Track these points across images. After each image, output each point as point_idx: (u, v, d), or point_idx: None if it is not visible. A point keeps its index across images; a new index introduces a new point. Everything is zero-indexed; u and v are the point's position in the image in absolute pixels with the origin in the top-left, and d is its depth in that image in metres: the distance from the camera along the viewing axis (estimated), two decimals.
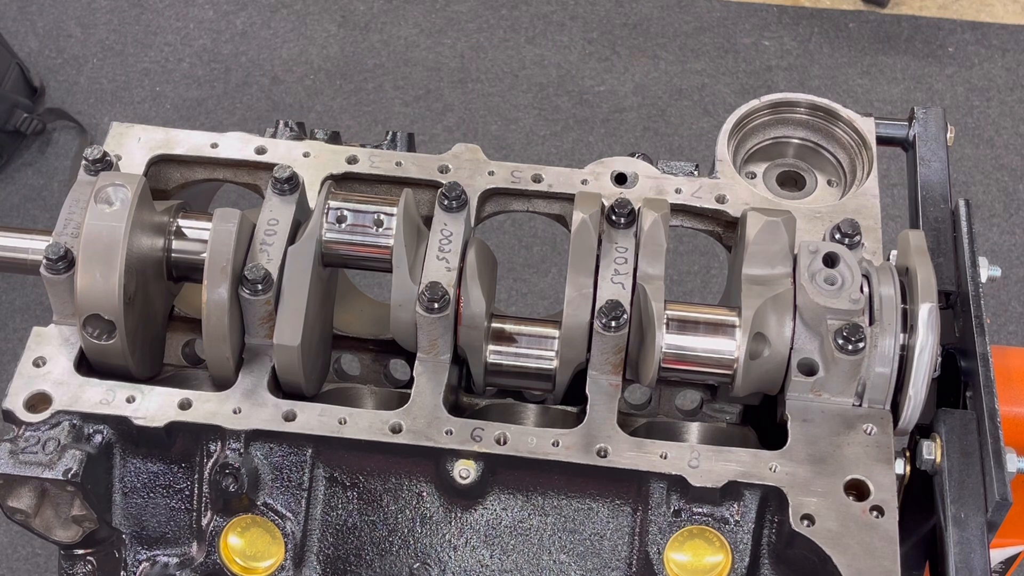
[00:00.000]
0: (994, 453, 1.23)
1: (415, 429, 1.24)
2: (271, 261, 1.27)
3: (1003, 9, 3.81)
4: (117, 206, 1.25)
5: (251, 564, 1.28)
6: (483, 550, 1.27)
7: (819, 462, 1.22)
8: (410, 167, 1.42)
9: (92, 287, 1.23)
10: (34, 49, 3.64)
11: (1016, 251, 3.26)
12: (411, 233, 1.31)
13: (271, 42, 3.69)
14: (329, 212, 1.31)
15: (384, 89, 3.59)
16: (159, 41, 3.69)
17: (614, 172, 1.42)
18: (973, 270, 1.37)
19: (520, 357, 1.34)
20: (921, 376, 1.24)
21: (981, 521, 1.21)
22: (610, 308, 1.25)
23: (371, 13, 3.77)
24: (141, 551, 1.31)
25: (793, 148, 1.49)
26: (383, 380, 1.50)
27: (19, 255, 1.34)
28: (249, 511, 1.27)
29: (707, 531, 1.23)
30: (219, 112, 3.52)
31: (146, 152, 1.42)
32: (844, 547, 1.17)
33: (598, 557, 1.26)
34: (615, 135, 3.49)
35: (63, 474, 1.21)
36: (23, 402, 1.25)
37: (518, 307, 3.12)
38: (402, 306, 1.28)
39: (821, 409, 1.26)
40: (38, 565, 2.79)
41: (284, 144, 1.44)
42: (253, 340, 1.29)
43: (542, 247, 3.23)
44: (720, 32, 3.72)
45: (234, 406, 1.26)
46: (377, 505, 1.28)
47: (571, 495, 1.26)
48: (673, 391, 1.46)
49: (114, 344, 1.26)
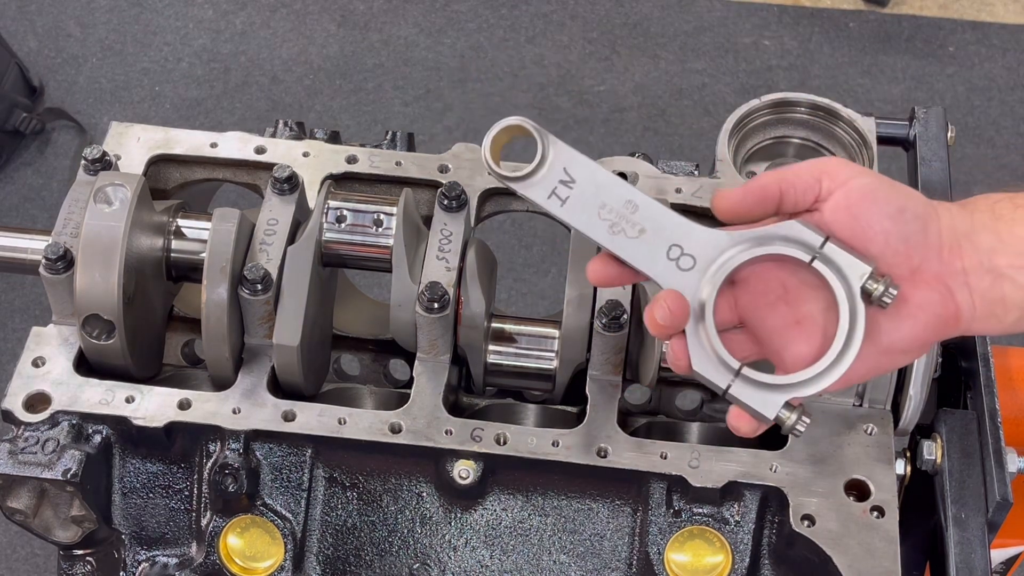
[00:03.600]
0: (995, 453, 1.23)
1: (415, 429, 1.24)
2: (271, 261, 1.27)
3: (1003, 9, 3.81)
4: (116, 206, 1.25)
5: (251, 564, 1.27)
6: (483, 550, 1.27)
7: (819, 462, 1.22)
8: (410, 167, 1.42)
9: (91, 287, 1.23)
10: (33, 49, 3.63)
11: None
12: (411, 233, 1.30)
13: (271, 42, 3.69)
14: (329, 212, 1.31)
15: (384, 89, 3.58)
16: (158, 41, 3.69)
17: (614, 172, 1.42)
18: None
19: (520, 357, 1.34)
20: (921, 376, 1.24)
21: (982, 521, 1.21)
22: (610, 308, 1.25)
23: (371, 13, 3.76)
24: (140, 551, 1.30)
25: (794, 148, 1.49)
26: (383, 380, 1.50)
27: (18, 255, 1.33)
28: (249, 511, 1.27)
29: (707, 531, 1.23)
30: (219, 112, 3.52)
31: (145, 152, 1.41)
32: (844, 547, 1.17)
33: (598, 557, 1.26)
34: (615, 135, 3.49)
35: (62, 474, 1.21)
36: (22, 402, 1.25)
37: (518, 307, 3.11)
38: (402, 306, 1.28)
39: (821, 409, 1.26)
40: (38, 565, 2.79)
41: (284, 144, 1.44)
42: (252, 340, 1.29)
43: (542, 247, 3.22)
44: (720, 32, 3.72)
45: (233, 406, 1.26)
46: (377, 505, 1.28)
47: (571, 495, 1.26)
48: (673, 391, 1.46)
49: (113, 344, 1.26)
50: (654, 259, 1.04)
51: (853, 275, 1.01)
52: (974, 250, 1.02)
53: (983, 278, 1.02)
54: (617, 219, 1.04)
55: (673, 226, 1.04)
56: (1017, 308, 1.03)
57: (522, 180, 1.04)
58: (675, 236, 1.04)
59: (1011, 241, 1.02)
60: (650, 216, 1.04)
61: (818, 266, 1.01)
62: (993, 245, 1.02)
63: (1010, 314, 1.03)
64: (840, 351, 1.01)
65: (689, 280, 1.04)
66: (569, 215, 1.04)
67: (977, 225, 1.02)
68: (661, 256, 1.04)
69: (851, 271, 1.01)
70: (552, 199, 1.04)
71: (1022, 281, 1.02)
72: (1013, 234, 1.02)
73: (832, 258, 1.01)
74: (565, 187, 1.04)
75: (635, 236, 1.04)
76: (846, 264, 1.01)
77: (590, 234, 1.04)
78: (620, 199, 1.04)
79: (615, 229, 1.04)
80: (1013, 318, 1.04)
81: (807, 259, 1.01)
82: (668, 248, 1.04)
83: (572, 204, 1.04)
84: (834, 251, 1.01)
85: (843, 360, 1.01)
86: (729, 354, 1.03)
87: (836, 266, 1.01)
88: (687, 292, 1.03)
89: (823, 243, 1.01)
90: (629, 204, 1.04)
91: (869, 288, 1.00)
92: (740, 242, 1.03)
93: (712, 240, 1.04)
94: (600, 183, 1.04)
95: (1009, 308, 1.03)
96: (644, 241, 1.04)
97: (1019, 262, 1.01)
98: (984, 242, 1.02)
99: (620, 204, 1.04)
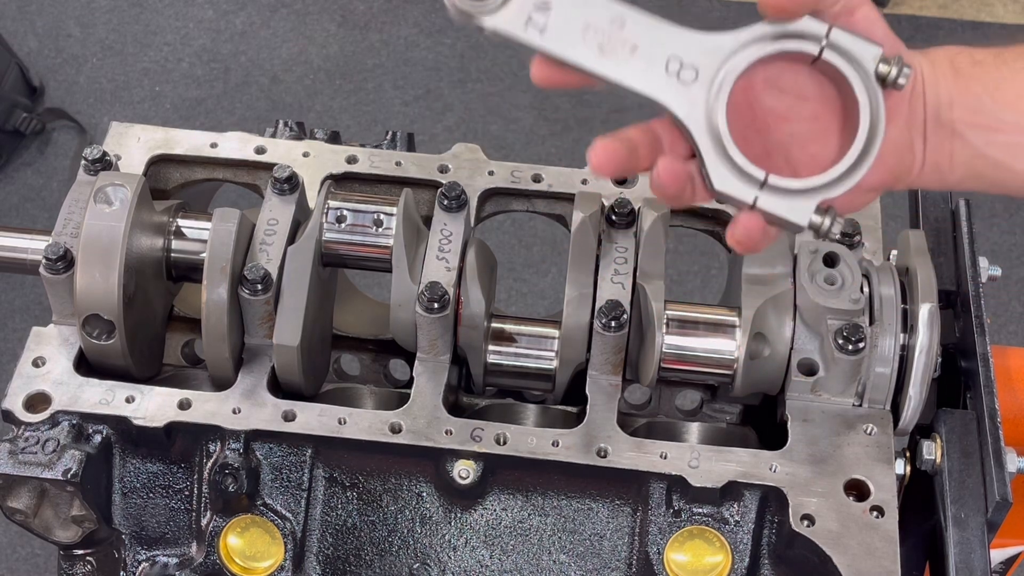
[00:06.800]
0: (994, 453, 1.23)
1: (415, 429, 1.24)
2: (271, 261, 1.27)
3: (1003, 9, 3.81)
4: (116, 206, 1.25)
5: (251, 564, 1.28)
6: (483, 550, 1.27)
7: (819, 462, 1.22)
8: (410, 167, 1.42)
9: (91, 287, 1.23)
10: (33, 49, 3.64)
11: (1016, 251, 3.26)
12: (411, 233, 1.31)
13: (271, 42, 3.69)
14: (329, 212, 1.31)
15: (384, 89, 3.58)
16: (158, 41, 3.69)
17: None
18: (973, 270, 1.37)
19: (520, 357, 1.34)
20: (921, 376, 1.24)
21: (981, 521, 1.21)
22: (610, 308, 1.25)
23: (371, 13, 3.77)
24: (141, 551, 1.30)
25: None
26: (383, 380, 1.50)
27: (18, 255, 1.33)
28: (249, 511, 1.27)
29: (707, 531, 1.23)
30: (219, 112, 3.52)
31: (145, 152, 1.42)
32: (844, 547, 1.17)
33: (598, 557, 1.26)
34: None
35: (62, 474, 1.21)
36: (22, 402, 1.25)
37: (518, 307, 3.11)
38: (402, 306, 1.28)
39: (821, 409, 1.26)
40: (38, 565, 2.79)
41: (284, 144, 1.44)
42: (252, 340, 1.29)
43: (542, 247, 3.22)
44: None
45: (234, 406, 1.26)
46: (377, 505, 1.28)
47: (571, 495, 1.26)
48: (673, 391, 1.46)
49: (113, 344, 1.26)
50: (653, 77, 0.95)
51: (866, 58, 0.95)
52: (934, 101, 1.00)
53: (936, 131, 1.00)
54: (605, 39, 0.94)
55: (668, 36, 0.95)
56: (962, 166, 1.01)
57: (492, 12, 0.93)
58: (672, 47, 0.95)
59: (967, 98, 1.00)
60: (641, 29, 0.95)
61: (829, 56, 0.95)
62: (950, 98, 1.00)
63: (955, 172, 1.02)
64: (866, 139, 0.96)
65: (694, 93, 0.96)
66: (551, 43, 0.94)
67: (938, 76, 1.01)
68: (659, 72, 0.95)
69: (863, 55, 0.95)
70: (530, 29, 0.94)
71: (971, 139, 1.00)
72: (969, 90, 1.00)
73: (840, 44, 0.95)
74: (541, 13, 0.94)
75: (628, 55, 0.95)
76: (857, 49, 0.95)
77: (578, 62, 0.95)
78: (605, 16, 0.94)
79: (604, 51, 0.94)
80: (956, 177, 1.02)
81: (815, 51, 0.95)
82: (666, 62, 0.95)
83: (552, 30, 0.94)
84: (842, 36, 0.95)
85: (871, 149, 0.96)
86: (752, 164, 0.96)
87: (846, 53, 0.95)
88: (693, 106, 0.96)
89: (829, 30, 0.95)
90: (616, 20, 0.94)
91: (882, 72, 0.95)
92: (743, 43, 0.96)
93: (713, 45, 0.96)
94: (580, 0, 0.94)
95: (955, 166, 1.01)
96: (639, 58, 0.95)
97: (973, 120, 1.00)
98: (942, 94, 1.00)
99: (606, 21, 0.94)
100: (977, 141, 1.00)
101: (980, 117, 1.00)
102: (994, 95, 1.00)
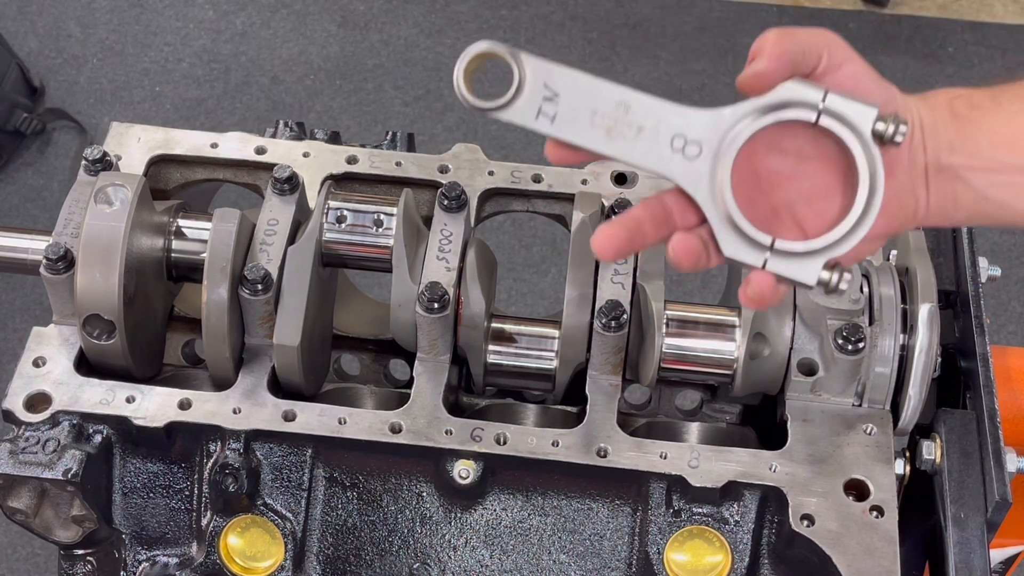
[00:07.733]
0: (994, 453, 1.23)
1: (415, 429, 1.24)
2: (271, 261, 1.27)
3: (1003, 9, 3.81)
4: (117, 206, 1.25)
5: (251, 564, 1.28)
6: (483, 550, 1.27)
7: (819, 462, 1.22)
8: (410, 167, 1.42)
9: (92, 287, 1.23)
10: (34, 49, 3.63)
11: (1016, 251, 3.26)
12: (411, 233, 1.31)
13: (271, 42, 3.69)
14: (329, 212, 1.32)
15: (384, 89, 3.58)
16: (159, 41, 3.69)
17: (614, 172, 1.42)
18: (973, 270, 1.37)
19: (520, 357, 1.34)
20: (921, 376, 1.24)
21: (981, 521, 1.21)
22: (610, 308, 1.25)
23: (371, 13, 3.77)
24: (141, 551, 1.31)
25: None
26: (383, 380, 1.50)
27: (19, 255, 1.33)
28: (249, 511, 1.27)
29: (707, 531, 1.23)
30: (219, 112, 3.52)
31: (146, 152, 1.42)
32: (844, 547, 1.17)
33: (598, 557, 1.26)
34: None
35: (63, 474, 1.21)
36: (23, 402, 1.25)
37: (518, 307, 3.11)
38: (402, 306, 1.28)
39: (821, 409, 1.26)
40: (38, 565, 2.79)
41: (284, 144, 1.44)
42: (253, 340, 1.29)
43: (542, 247, 3.22)
44: (720, 32, 3.72)
45: (234, 406, 1.26)
46: (377, 505, 1.28)
47: (571, 495, 1.26)
48: (673, 391, 1.46)
49: (114, 344, 1.26)
50: (660, 155, 0.99)
51: (862, 121, 0.98)
52: (934, 147, 1.01)
53: (937, 176, 1.02)
54: (612, 123, 0.98)
55: (671, 116, 0.99)
56: (966, 208, 1.03)
57: (504, 107, 0.97)
58: (675, 126, 0.99)
59: (966, 142, 1.01)
60: (645, 111, 0.99)
61: (825, 122, 0.98)
62: (950, 144, 1.01)
63: (960, 213, 1.04)
64: (867, 199, 0.99)
65: (699, 167, 0.99)
66: (561, 131, 0.98)
67: (937, 121, 1.02)
68: (665, 150, 0.99)
69: (859, 118, 0.98)
70: (540, 119, 0.98)
71: (973, 182, 1.01)
72: (967, 135, 1.01)
73: (836, 110, 0.98)
74: (550, 103, 0.98)
75: (634, 136, 0.99)
76: (852, 112, 0.98)
77: (588, 145, 0.99)
78: (610, 102, 0.98)
79: (612, 134, 0.99)
80: (962, 217, 1.04)
81: (812, 118, 0.98)
82: (671, 139, 0.99)
83: (562, 119, 0.98)
84: (837, 101, 0.98)
85: (871, 208, 0.99)
86: (758, 231, 0.99)
87: (842, 117, 0.98)
88: (699, 179, 0.99)
89: (824, 96, 0.98)
90: (621, 105, 0.98)
91: (880, 130, 0.98)
92: (742, 116, 0.99)
93: (713, 121, 0.99)
94: (585, 90, 0.98)
95: (959, 207, 1.03)
96: (645, 139, 0.99)
97: (973, 163, 1.01)
98: (942, 140, 1.02)
99: (611, 107, 0.98)
100: (979, 184, 1.02)
101: (979, 161, 1.02)
102: (992, 139, 1.01)
